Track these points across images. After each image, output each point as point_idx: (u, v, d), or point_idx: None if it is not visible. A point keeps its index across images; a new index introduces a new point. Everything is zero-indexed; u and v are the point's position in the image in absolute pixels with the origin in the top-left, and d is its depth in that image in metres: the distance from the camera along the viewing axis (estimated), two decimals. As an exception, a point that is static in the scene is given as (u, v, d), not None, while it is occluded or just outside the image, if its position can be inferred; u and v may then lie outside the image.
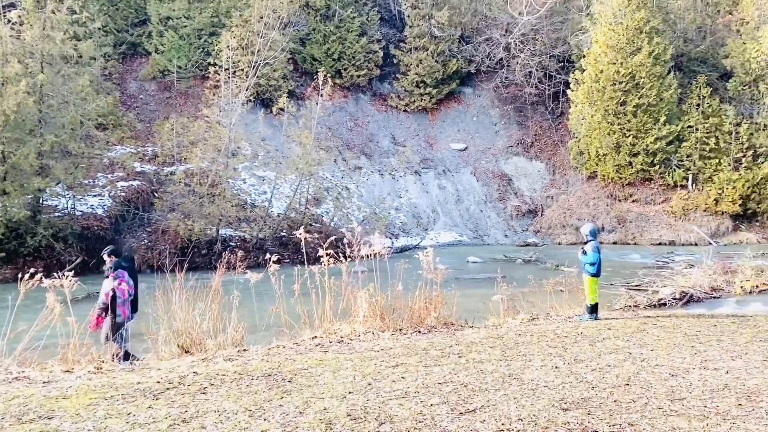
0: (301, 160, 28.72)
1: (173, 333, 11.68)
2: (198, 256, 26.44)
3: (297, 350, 9.28)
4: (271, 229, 28.13)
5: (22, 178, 22.30)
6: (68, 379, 7.71)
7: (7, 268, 23.39)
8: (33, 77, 21.92)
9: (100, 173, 29.21)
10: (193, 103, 36.26)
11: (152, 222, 27.62)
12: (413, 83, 42.37)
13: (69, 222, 25.00)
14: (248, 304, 11.33)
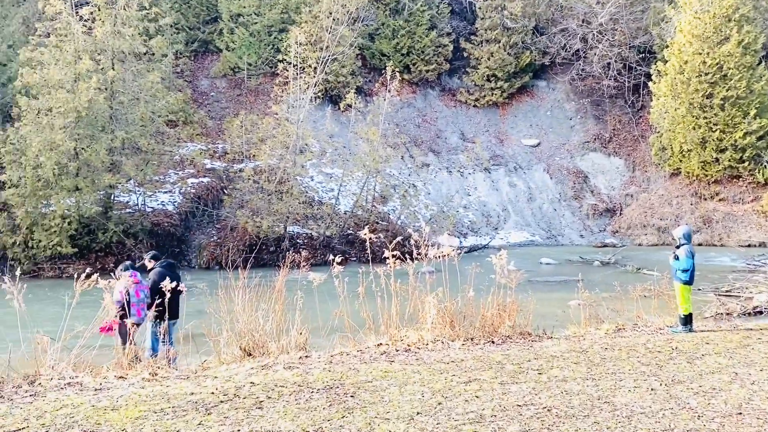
0: (368, 157, 28.24)
1: (235, 335, 11.31)
2: (266, 253, 26.33)
3: (361, 359, 8.68)
4: (338, 226, 27.76)
5: (93, 174, 22.61)
6: (121, 386, 7.33)
7: (80, 263, 23.76)
8: (104, 74, 22.18)
9: (171, 170, 29.52)
10: (262, 100, 36.31)
11: (221, 219, 27.70)
12: (484, 77, 41.28)
13: (139, 218, 25.28)
14: (311, 305, 10.82)
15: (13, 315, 8.19)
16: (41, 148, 21.45)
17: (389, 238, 27.36)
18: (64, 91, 21.31)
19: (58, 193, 22.10)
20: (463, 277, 10.69)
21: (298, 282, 11.18)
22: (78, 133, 22.01)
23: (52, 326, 9.17)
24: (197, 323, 12.27)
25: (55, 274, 23.40)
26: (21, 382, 7.38)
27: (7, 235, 23.11)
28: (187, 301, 12.05)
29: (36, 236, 22.76)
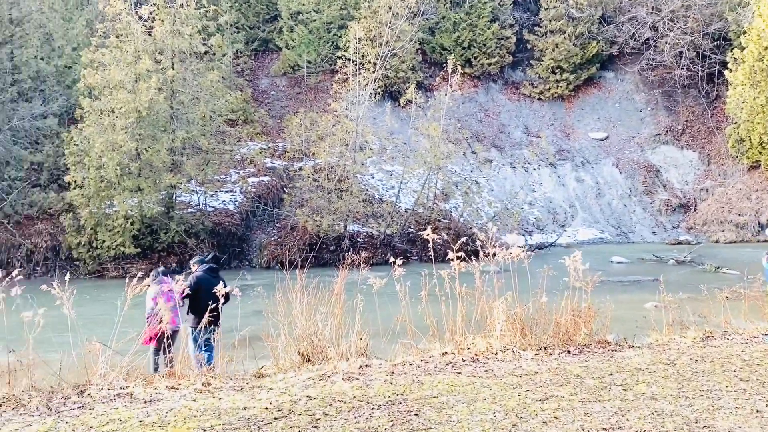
0: (429, 153, 27.59)
1: (293, 339, 10.89)
2: (326, 252, 26.04)
3: (425, 369, 8.07)
4: (398, 225, 27.22)
5: (155, 174, 22.72)
6: (171, 398, 6.94)
7: (142, 263, 23.97)
8: (164, 73, 22.24)
9: (232, 169, 29.56)
10: (322, 97, 36.09)
11: (281, 218, 27.55)
12: (548, 69, 40.01)
13: (201, 218, 25.33)
14: (371, 308, 10.28)
15: (68, 319, 7.97)
16: (104, 149, 21.66)
17: (452, 236, 26.65)
18: (125, 92, 21.46)
19: (121, 194, 22.29)
20: (534, 279, 9.96)
21: (357, 284, 10.67)
22: (139, 133, 22.15)
23: (106, 330, 8.90)
24: (255, 327, 11.92)
25: (118, 274, 23.62)
26: (70, 392, 7.07)
27: (72, 236, 23.49)
28: (244, 303, 11.68)
29: (100, 236, 23.04)
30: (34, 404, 6.66)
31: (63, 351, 8.07)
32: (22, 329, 7.52)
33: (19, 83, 26.15)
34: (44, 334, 7.77)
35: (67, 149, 22.91)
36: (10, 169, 25.26)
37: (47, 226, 24.76)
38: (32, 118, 25.77)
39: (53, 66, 26.90)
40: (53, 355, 8.76)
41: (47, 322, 7.73)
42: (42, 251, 24.24)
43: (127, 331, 8.78)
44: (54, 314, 8.18)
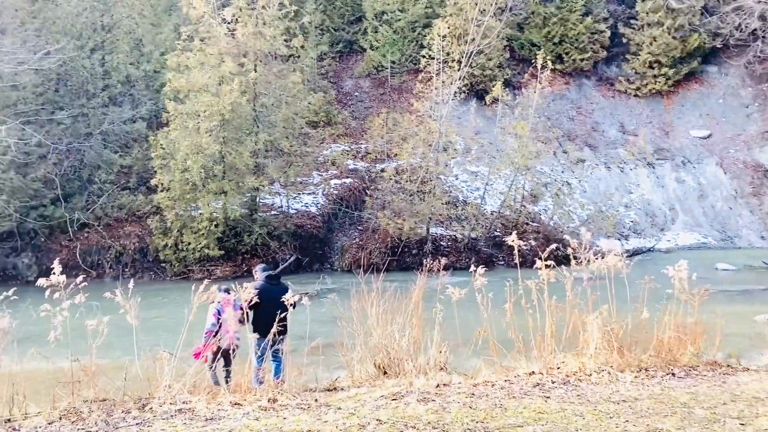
0: (516, 153, 26.58)
1: (369, 350, 10.39)
2: (408, 256, 25.53)
3: (509, 391, 7.34)
4: (483, 228, 26.37)
5: (238, 177, 22.84)
6: (234, 416, 6.53)
7: (227, 265, 24.19)
8: (246, 76, 22.31)
9: (315, 171, 29.51)
10: (406, 98, 35.59)
11: (363, 220, 27.23)
12: (645, 64, 37.96)
13: (283, 220, 25.34)
14: (451, 317, 9.66)
15: (145, 323, 7.74)
16: (188, 152, 21.93)
17: (540, 240, 25.60)
18: (209, 95, 21.65)
19: (205, 196, 22.53)
20: (632, 289, 9.03)
21: (437, 292, 10.04)
22: (223, 136, 22.31)
23: (176, 336, 8.60)
24: (329, 334, 11.50)
25: (203, 275, 23.88)
26: (132, 406, 6.80)
27: (159, 238, 23.95)
28: (318, 309, 11.27)
29: (185, 239, 23.37)
30: (94, 419, 6.41)
31: (128, 359, 7.85)
32: (88, 336, 7.32)
33: (110, 88, 27.01)
34: (113, 339, 7.57)
35: (154, 152, 23.38)
36: (100, 173, 26.09)
37: (135, 229, 25.40)
38: (122, 122, 26.54)
39: (142, 71, 27.63)
40: (121, 360, 8.59)
41: (119, 326, 7.51)
42: (130, 253, 24.87)
43: (193, 340, 8.51)
44: (124, 319, 7.94)
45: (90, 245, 25.04)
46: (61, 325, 7.26)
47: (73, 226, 24.97)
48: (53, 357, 7.35)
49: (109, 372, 7.99)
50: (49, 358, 7.24)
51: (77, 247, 24.89)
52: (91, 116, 26.54)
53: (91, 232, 25.32)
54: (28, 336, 7.86)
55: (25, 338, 7.92)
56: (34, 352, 7.13)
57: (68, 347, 7.24)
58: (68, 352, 7.23)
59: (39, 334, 7.44)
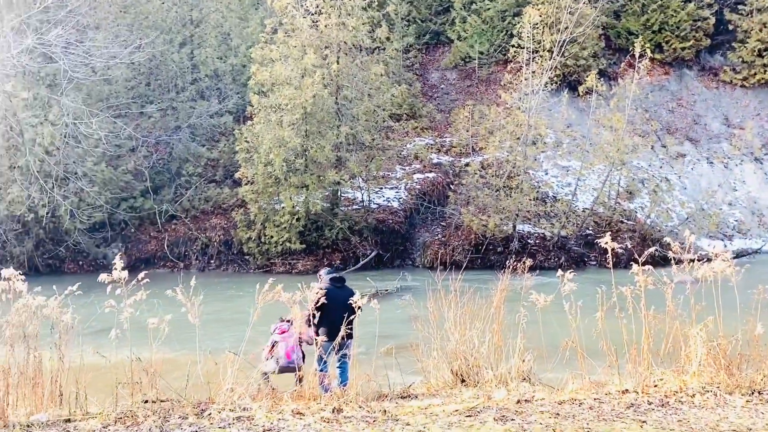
0: (611, 147, 25.21)
1: (446, 355, 9.80)
2: (493, 254, 24.72)
3: (599, 412, 6.57)
4: (574, 226, 25.18)
5: (319, 171, 22.67)
6: (294, 427, 6.09)
7: (308, 259, 24.11)
8: (329, 68, 22.07)
9: (398, 165, 29.06)
10: (493, 90, 34.55)
11: (446, 216, 26.57)
12: (754, 52, 35.32)
13: (365, 215, 25.04)
14: (534, 322, 8.93)
15: (217, 315, 7.45)
16: (271, 146, 21.92)
17: (636, 240, 24.16)
18: (292, 88, 21.54)
19: (287, 190, 22.48)
20: (741, 296, 8.01)
21: (521, 295, 9.33)
22: (305, 129, 22.17)
23: (242, 334, 8.24)
24: (404, 336, 10.99)
25: (285, 269, 23.96)
26: (190, 411, 6.47)
27: (242, 231, 24.14)
28: (393, 308, 10.76)
29: (267, 232, 23.44)
30: (148, 424, 6.11)
31: (191, 358, 7.56)
32: (149, 335, 7.07)
33: (198, 82, 27.48)
34: (179, 333, 7.31)
35: (238, 146, 23.54)
36: (188, 166, 26.58)
37: (221, 221, 25.73)
38: (209, 116, 26.94)
39: (229, 64, 27.96)
40: (183, 359, 8.35)
41: (184, 322, 7.25)
42: (216, 245, 25.21)
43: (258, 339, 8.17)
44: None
45: (177, 237, 25.56)
46: (126, 321, 7.03)
47: (162, 217, 25.54)
48: (114, 351, 7.13)
49: (170, 371, 7.76)
50: (106, 357, 7.02)
51: (165, 238, 25.46)
52: (179, 110, 27.08)
53: (179, 223, 25.84)
54: (92, 331, 7.69)
55: (89, 333, 7.75)
56: (92, 351, 6.91)
57: (129, 343, 6.99)
58: (129, 347, 6.98)
59: (102, 330, 7.26)
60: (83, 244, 24.38)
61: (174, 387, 7.59)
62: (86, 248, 24.55)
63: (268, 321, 8.24)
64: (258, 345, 9.08)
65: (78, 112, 23.18)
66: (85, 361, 7.26)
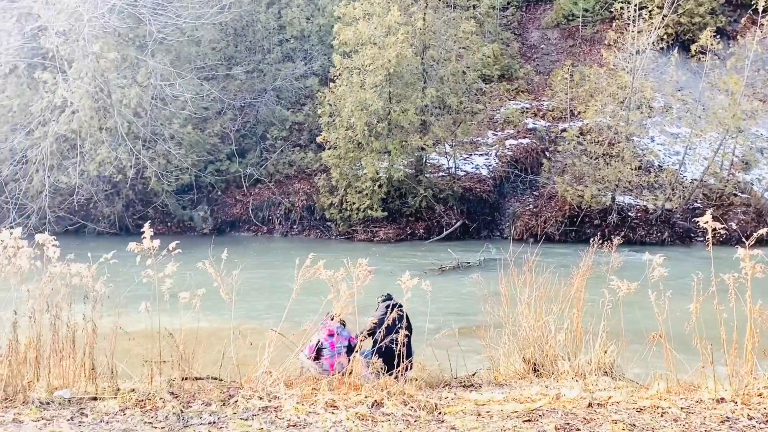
0: (726, 112, 23.00)
1: (517, 342, 8.94)
2: (589, 227, 23.27)
3: (685, 426, 5.55)
4: (681, 198, 23.26)
5: (402, 135, 21.87)
6: (322, 424, 5.45)
7: (390, 228, 23.54)
8: (414, 25, 21.06)
9: (491, 131, 27.80)
10: (597, 50, 32.34)
11: (539, 185, 25.20)
12: None
13: (451, 183, 24.10)
14: (623, 308, 7.92)
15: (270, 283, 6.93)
16: (353, 108, 21.29)
17: (751, 215, 22.03)
18: (375, 48, 20.73)
19: (368, 155, 21.85)
20: None
21: (607, 277, 8.31)
22: (388, 91, 21.36)
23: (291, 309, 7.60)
24: (472, 317, 10.17)
25: (366, 237, 23.49)
26: (215, 397, 5.95)
27: (325, 196, 23.79)
28: (461, 285, 9.91)
29: (349, 198, 22.99)
30: (167, 410, 5.64)
31: (227, 335, 7.03)
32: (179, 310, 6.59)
33: (284, 43, 27.12)
34: (219, 303, 6.82)
35: (320, 109, 23.06)
36: (273, 129, 26.41)
37: (304, 186, 25.49)
38: (294, 78, 26.59)
39: (316, 24, 27.42)
40: (219, 333, 7.86)
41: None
42: (298, 210, 25.03)
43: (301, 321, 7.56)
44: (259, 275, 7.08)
45: (261, 201, 25.56)
46: (167, 291, 6.56)
47: (247, 181, 25.57)
48: (152, 321, 6.69)
49: (214, 344, 7.29)
50: (131, 336, 6.59)
51: (249, 202, 25.51)
52: (265, 72, 26.88)
53: (263, 188, 25.82)
54: (127, 301, 7.25)
55: (123, 302, 7.31)
56: (117, 327, 6.47)
57: (159, 316, 6.52)
58: (160, 320, 6.50)
59: (136, 299, 6.83)
60: (170, 205, 24.76)
61: (212, 363, 7.14)
62: (172, 210, 24.93)
63: (316, 291, 7.56)
64: (299, 320, 8.25)
65: (165, 74, 23.36)
66: (130, 330, 6.86)
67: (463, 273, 17.22)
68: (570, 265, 9.15)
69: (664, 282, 7.02)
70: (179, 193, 25.11)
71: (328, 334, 8.15)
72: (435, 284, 15.96)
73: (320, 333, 8.11)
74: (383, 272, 18.58)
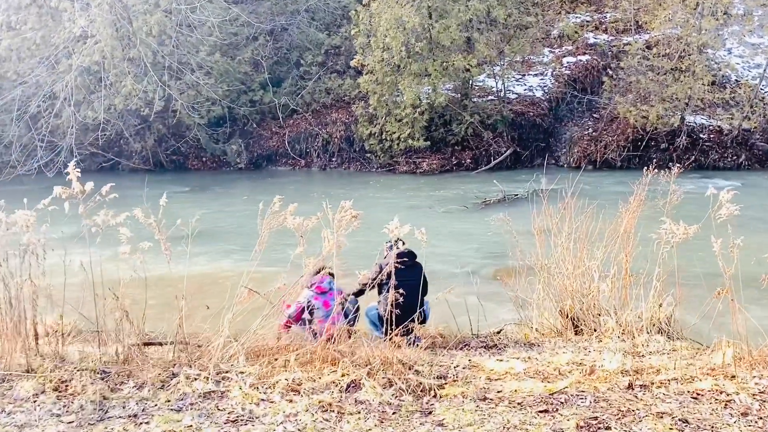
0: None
1: (554, 291, 7.62)
2: (654, 151, 21.35)
3: (758, 421, 4.16)
4: (761, 116, 20.89)
5: (444, 55, 20.09)
6: (271, 417, 4.28)
7: (434, 158, 22.14)
8: None
9: (546, 47, 25.59)
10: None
11: (599, 107, 23.13)
12: None
13: (500, 107, 22.28)
14: (683, 254, 6.51)
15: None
16: (388, 27, 19.57)
17: None
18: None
19: (407, 79, 20.23)
20: None
21: (664, 211, 6.86)
22: (427, 5, 19.52)
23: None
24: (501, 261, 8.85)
25: (409, 168, 22.14)
26: (153, 377, 4.84)
27: (363, 126, 22.40)
28: (502, 230, 8.45)
29: (389, 128, 21.54)
30: (87, 397, 4.56)
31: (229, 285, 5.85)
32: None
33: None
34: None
35: (354, 29, 21.41)
36: (308, 55, 24.92)
37: (342, 116, 24.11)
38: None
39: (352, -66, 25.41)
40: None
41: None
42: (337, 142, 23.74)
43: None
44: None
45: (298, 132, 24.36)
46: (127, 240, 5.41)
47: (282, 112, 24.33)
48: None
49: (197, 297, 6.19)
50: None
51: (286, 134, 24.34)
52: (298, -9, 25.24)
53: (299, 118, 24.56)
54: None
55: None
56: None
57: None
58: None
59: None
60: (201, 140, 23.84)
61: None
62: (204, 144, 24.02)
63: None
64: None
65: (190, -2, 22.04)
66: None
67: (508, 206, 15.77)
68: (629, 194, 7.68)
69: (736, 219, 5.51)
70: (212, 127, 24.11)
71: (318, 291, 6.91)
72: (474, 220, 14.53)
73: (307, 292, 6.89)
74: (420, 208, 17.35)
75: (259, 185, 21.49)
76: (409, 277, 6.48)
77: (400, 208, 17.20)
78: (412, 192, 19.35)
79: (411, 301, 6.46)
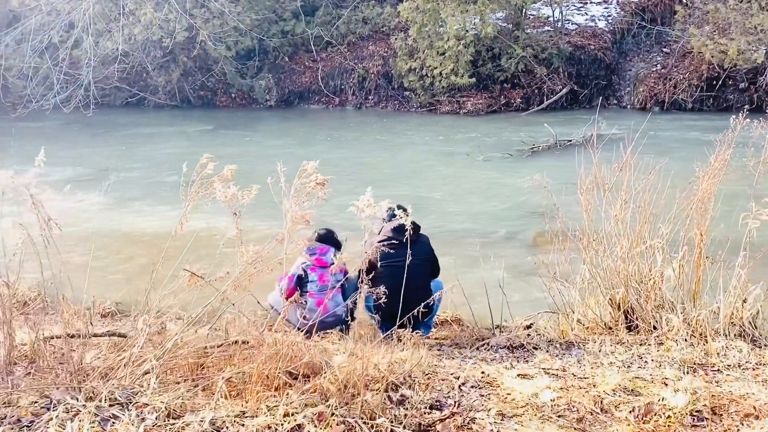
0: None
1: (602, 274, 6.06)
2: (733, 92, 19.36)
3: None
4: None
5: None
6: None
7: (480, 97, 20.42)
8: None
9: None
10: None
11: (670, 40, 20.90)
12: None
13: (556, 39, 20.26)
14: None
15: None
16: (430, -55, 17.69)
17: None
18: None
19: (450, 6, 18.37)
20: None
21: (753, 171, 5.32)
22: None
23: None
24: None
25: (452, 108, 20.48)
26: (24, 405, 3.54)
27: (402, 60, 20.68)
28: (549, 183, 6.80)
29: (429, 62, 19.80)
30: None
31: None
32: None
33: None
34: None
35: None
36: (343, -22, 23.13)
37: (380, 49, 22.40)
38: None
39: None
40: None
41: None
42: (373, 78, 22.13)
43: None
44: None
45: (332, 67, 22.80)
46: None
47: (316, 44, 22.72)
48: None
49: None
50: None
51: (319, 69, 22.81)
52: None
53: (334, 52, 22.94)
54: None
55: None
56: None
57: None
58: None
59: None
60: (227, 74, 22.51)
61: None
62: (230, 79, 22.69)
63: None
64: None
65: None
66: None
67: (560, 155, 14.09)
68: (703, 144, 6.11)
69: None
70: (241, 60, 22.70)
71: (318, 264, 5.57)
72: (517, 171, 12.68)
73: (302, 261, 5.60)
74: (456, 155, 15.75)
75: (288, 125, 20.21)
76: (402, 254, 4.92)
77: (432, 154, 15.67)
78: (452, 135, 17.75)
79: (409, 288, 4.97)
